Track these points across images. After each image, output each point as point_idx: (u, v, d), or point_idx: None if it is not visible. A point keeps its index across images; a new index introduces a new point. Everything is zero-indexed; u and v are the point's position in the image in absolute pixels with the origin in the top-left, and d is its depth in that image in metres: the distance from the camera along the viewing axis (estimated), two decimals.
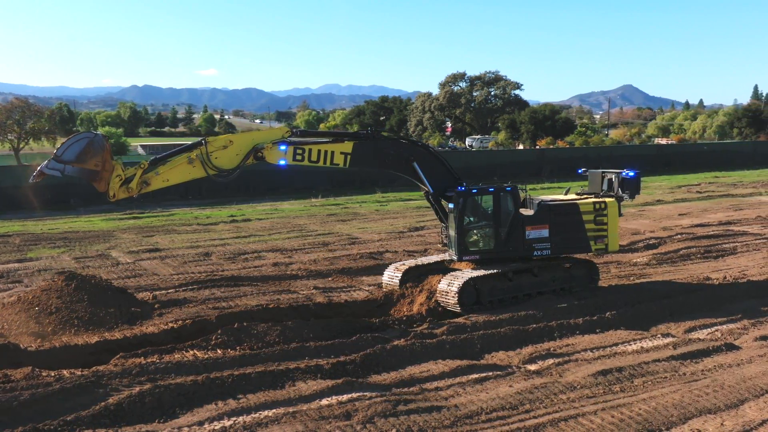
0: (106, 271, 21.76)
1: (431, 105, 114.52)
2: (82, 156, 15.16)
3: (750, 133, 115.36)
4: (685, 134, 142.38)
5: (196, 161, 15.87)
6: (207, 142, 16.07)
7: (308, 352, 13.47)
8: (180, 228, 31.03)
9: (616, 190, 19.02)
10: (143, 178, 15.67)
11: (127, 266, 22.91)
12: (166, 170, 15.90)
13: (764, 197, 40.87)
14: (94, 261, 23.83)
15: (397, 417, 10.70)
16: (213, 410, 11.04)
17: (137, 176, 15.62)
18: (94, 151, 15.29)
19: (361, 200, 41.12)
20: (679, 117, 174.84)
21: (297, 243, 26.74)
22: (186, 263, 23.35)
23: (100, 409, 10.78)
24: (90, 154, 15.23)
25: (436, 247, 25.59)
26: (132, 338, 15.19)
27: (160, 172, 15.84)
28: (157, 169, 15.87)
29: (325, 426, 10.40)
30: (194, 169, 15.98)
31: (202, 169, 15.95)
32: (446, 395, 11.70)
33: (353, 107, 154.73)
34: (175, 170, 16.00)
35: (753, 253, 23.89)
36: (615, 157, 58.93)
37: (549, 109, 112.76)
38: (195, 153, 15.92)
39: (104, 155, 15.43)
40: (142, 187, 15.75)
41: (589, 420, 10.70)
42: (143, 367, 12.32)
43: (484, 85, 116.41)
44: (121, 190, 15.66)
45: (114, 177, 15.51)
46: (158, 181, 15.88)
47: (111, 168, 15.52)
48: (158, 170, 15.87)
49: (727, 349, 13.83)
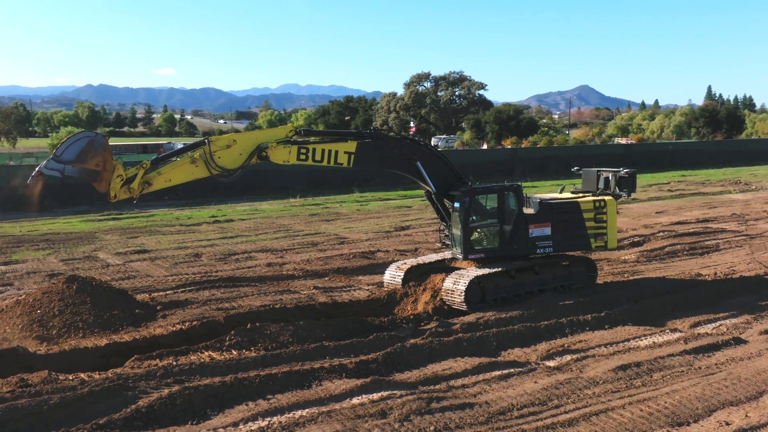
0: (98, 273, 21.39)
1: (396, 105, 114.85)
2: (83, 156, 14.78)
3: (707, 132, 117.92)
4: (643, 134, 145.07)
5: (199, 161, 15.62)
6: (210, 141, 15.83)
7: (328, 352, 13.47)
8: (163, 229, 30.68)
9: (613, 188, 19.40)
10: (145, 179, 15.36)
11: (117, 268, 22.59)
12: (168, 170, 15.64)
13: (734, 195, 41.85)
14: (83, 263, 23.44)
15: (432, 414, 10.77)
16: (245, 411, 10.99)
17: (139, 176, 15.30)
18: (95, 150, 14.91)
19: (340, 200, 41.07)
20: (638, 117, 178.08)
21: (286, 243, 26.64)
22: (177, 264, 23.12)
23: (132, 411, 10.66)
24: (91, 153, 14.86)
25: (427, 246, 25.78)
26: (141, 340, 15.01)
27: (162, 172, 15.55)
28: (159, 169, 15.60)
29: (363, 425, 10.43)
30: (197, 168, 15.73)
31: (206, 168, 15.70)
32: (474, 392, 11.81)
33: (318, 107, 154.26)
34: (178, 170, 15.74)
35: (736, 250, 24.48)
36: (585, 156, 59.75)
37: (513, 109, 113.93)
38: (198, 153, 15.67)
39: (105, 155, 15.06)
40: (143, 187, 15.44)
41: (619, 414, 10.90)
42: (167, 369, 12.20)
43: (448, 85, 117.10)
44: (122, 191, 15.30)
45: (115, 177, 15.14)
46: (160, 181, 15.58)
47: (112, 168, 15.14)
48: (160, 170, 15.59)
49: (735, 343, 14.19)
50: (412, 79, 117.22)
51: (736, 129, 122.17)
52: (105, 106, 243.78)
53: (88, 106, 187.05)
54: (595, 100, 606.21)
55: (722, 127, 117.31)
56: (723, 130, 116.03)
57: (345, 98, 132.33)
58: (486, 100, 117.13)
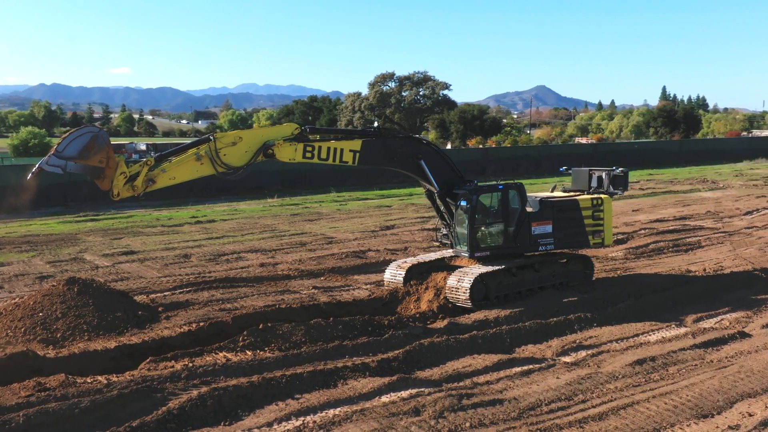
0: (88, 275, 21.00)
1: (362, 105, 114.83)
2: (86, 152, 14.23)
3: (665, 132, 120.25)
4: (603, 134, 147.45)
5: (204, 158, 15.31)
6: (215, 138, 15.52)
7: (347, 351, 13.48)
8: (145, 230, 30.28)
9: (606, 186, 19.79)
10: (149, 176, 14.94)
11: (107, 270, 22.25)
12: (172, 167, 15.26)
13: (704, 193, 42.78)
14: (70, 265, 23.04)
15: (465, 411, 10.87)
16: (276, 411, 10.96)
17: (143, 174, 14.87)
18: (99, 146, 14.38)
19: (318, 200, 40.97)
20: (597, 117, 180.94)
21: (274, 243, 26.51)
22: (168, 265, 22.87)
23: (163, 413, 10.56)
24: (94, 149, 14.32)
25: (415, 245, 25.90)
26: (151, 342, 14.84)
27: (166, 170, 15.17)
28: (163, 167, 15.22)
29: (399, 423, 10.48)
30: (202, 166, 15.41)
31: (211, 166, 15.40)
32: (499, 388, 11.94)
33: (282, 107, 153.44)
34: (182, 167, 15.36)
35: (718, 247, 25.05)
36: (554, 156, 60.59)
37: (477, 109, 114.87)
38: (203, 150, 15.37)
39: (108, 151, 14.60)
40: (147, 185, 14.99)
41: (645, 407, 11.13)
42: (191, 371, 12.09)
43: (413, 85, 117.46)
44: (125, 189, 14.84)
45: (118, 174, 14.67)
46: (164, 179, 15.18)
47: (115, 165, 14.64)
48: (164, 167, 15.22)
49: (741, 337, 14.56)
50: (377, 79, 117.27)
51: (693, 129, 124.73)
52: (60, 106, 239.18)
53: (45, 105, 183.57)
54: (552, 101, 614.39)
55: (680, 127, 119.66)
56: (680, 130, 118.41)
57: (309, 98, 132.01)
58: (450, 100, 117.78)
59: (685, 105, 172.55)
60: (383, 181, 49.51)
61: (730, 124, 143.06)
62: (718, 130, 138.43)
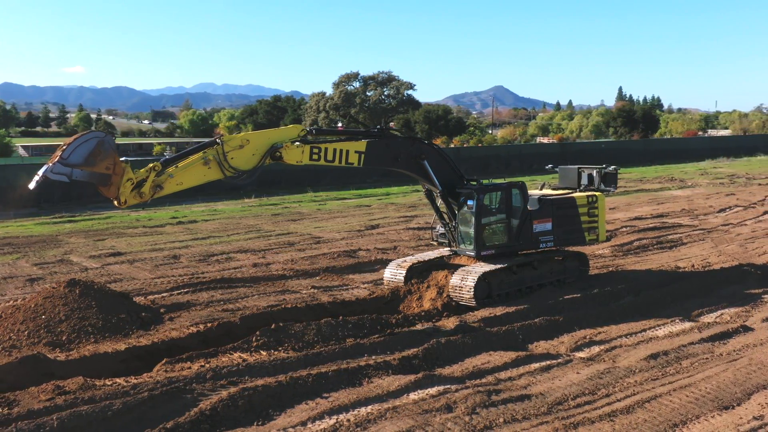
0: (79, 277, 20.70)
1: (326, 105, 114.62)
2: (92, 158, 13.47)
3: (624, 132, 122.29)
4: (563, 133, 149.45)
5: (212, 162, 14.84)
6: (223, 141, 15.09)
7: (365, 349, 13.51)
8: (127, 231, 29.88)
9: (597, 184, 20.17)
10: (156, 182, 14.34)
11: (97, 271, 21.92)
12: (179, 173, 14.68)
13: (675, 191, 43.67)
14: (58, 267, 22.65)
15: (496, 407, 10.99)
16: (308, 410, 10.96)
17: (150, 180, 14.24)
18: (105, 152, 13.65)
19: (296, 200, 40.85)
20: (557, 117, 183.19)
21: (262, 244, 26.38)
22: (158, 266, 22.62)
23: (196, 414, 10.50)
24: (100, 155, 13.57)
25: (404, 244, 25.99)
26: (160, 344, 14.70)
27: (173, 175, 14.60)
28: (169, 172, 14.61)
29: (433, 419, 10.56)
30: (210, 170, 14.92)
31: (219, 170, 14.93)
32: (523, 384, 12.09)
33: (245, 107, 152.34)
34: (190, 172, 14.81)
35: (701, 243, 25.62)
36: (524, 155, 61.37)
37: (441, 109, 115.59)
38: (210, 153, 14.88)
39: (115, 157, 13.93)
40: (155, 191, 14.40)
41: (668, 400, 11.37)
42: (216, 371, 12.01)
43: (377, 85, 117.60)
44: (132, 196, 14.15)
45: (125, 181, 13.96)
46: (172, 184, 14.61)
47: (121, 171, 13.94)
48: (171, 172, 14.62)
49: (744, 331, 14.94)
50: (341, 78, 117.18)
51: (652, 128, 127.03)
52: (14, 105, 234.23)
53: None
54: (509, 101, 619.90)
55: (639, 127, 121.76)
56: (639, 130, 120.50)
57: (273, 98, 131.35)
58: (415, 100, 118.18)
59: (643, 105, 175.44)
60: (358, 180, 49.56)
61: (687, 124, 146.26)
62: (675, 129, 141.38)
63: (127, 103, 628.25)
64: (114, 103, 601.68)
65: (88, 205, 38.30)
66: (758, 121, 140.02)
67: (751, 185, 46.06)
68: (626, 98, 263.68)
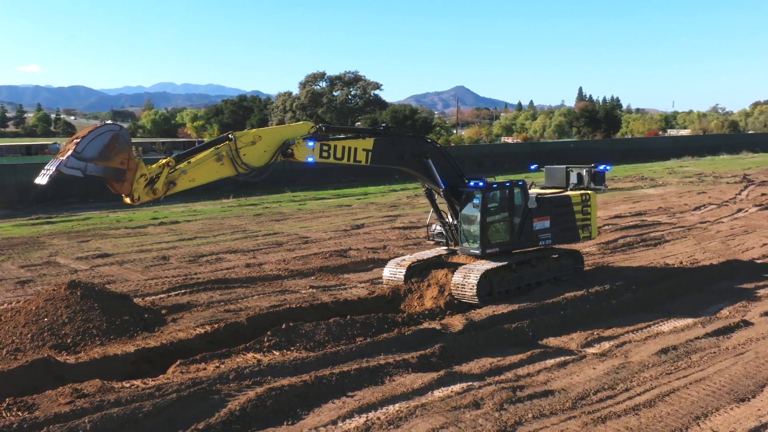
0: (70, 279, 20.38)
1: (293, 104, 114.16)
2: (106, 152, 13.14)
3: (587, 131, 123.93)
4: (527, 133, 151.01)
5: (225, 158, 14.71)
6: (235, 137, 14.91)
7: (380, 348, 13.55)
8: (110, 232, 29.46)
9: (587, 183, 20.52)
10: (169, 178, 14.09)
11: (87, 273, 21.59)
12: (192, 169, 14.47)
13: (647, 190, 44.46)
14: (46, 269, 22.28)
15: (523, 403, 11.13)
16: (336, 409, 10.98)
17: (163, 176, 13.99)
18: (120, 146, 13.33)
19: (275, 200, 40.67)
20: (521, 117, 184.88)
21: (250, 244, 26.24)
22: (149, 268, 22.38)
23: (226, 415, 10.45)
24: (115, 150, 13.26)
25: (392, 243, 26.06)
26: (169, 345, 14.54)
27: (186, 171, 14.39)
28: (182, 168, 14.37)
29: (464, 416, 10.65)
30: (222, 166, 14.78)
31: (232, 166, 14.81)
32: (542, 380, 12.25)
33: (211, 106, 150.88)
34: (203, 168, 14.63)
35: (683, 240, 26.16)
36: (495, 155, 61.90)
37: (408, 108, 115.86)
38: (224, 149, 14.75)
39: (129, 152, 13.61)
40: (168, 188, 14.17)
41: (687, 394, 11.62)
42: (238, 372, 11.95)
43: (344, 85, 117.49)
44: (145, 192, 13.90)
45: (138, 177, 13.69)
46: (185, 181, 14.38)
47: (135, 166, 13.67)
48: (184, 168, 14.38)
49: (744, 325, 15.32)
50: (308, 78, 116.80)
51: (614, 128, 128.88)
52: None
53: None
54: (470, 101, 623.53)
55: (601, 127, 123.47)
56: (602, 129, 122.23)
57: (238, 97, 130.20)
58: (381, 100, 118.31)
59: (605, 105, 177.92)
60: (335, 180, 49.52)
61: (648, 124, 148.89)
62: (637, 129, 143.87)
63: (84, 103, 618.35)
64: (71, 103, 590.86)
65: (63, 206, 37.73)
66: (717, 121, 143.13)
67: (720, 184, 47.09)
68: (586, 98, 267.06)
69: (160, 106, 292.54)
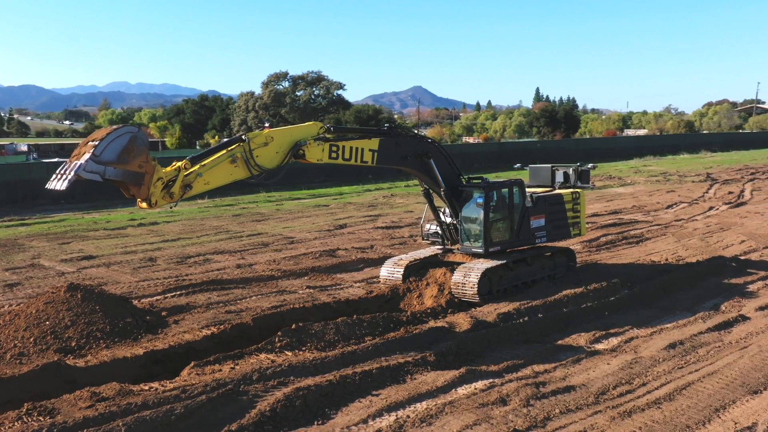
0: (60, 281, 20.07)
1: (255, 104, 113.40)
2: (125, 155, 12.69)
3: (547, 131, 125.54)
4: (488, 133, 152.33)
5: (239, 160, 14.40)
6: (249, 138, 14.61)
7: (395, 347, 13.57)
8: (89, 234, 28.95)
9: (574, 181, 20.90)
10: (185, 181, 13.70)
11: (75, 275, 21.20)
12: (207, 171, 14.07)
13: (617, 189, 45.26)
14: (32, 271, 21.82)
15: (548, 398, 11.30)
16: (363, 408, 11.01)
17: (180, 179, 13.59)
18: (138, 149, 12.89)
19: (250, 200, 40.40)
20: (481, 117, 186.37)
21: (236, 244, 26.05)
22: (138, 269, 22.08)
23: (257, 415, 10.42)
24: (134, 152, 12.81)
25: (380, 243, 26.11)
26: (177, 347, 14.43)
27: (202, 174, 14.00)
28: (196, 171, 13.95)
29: (493, 412, 10.76)
30: (236, 168, 14.47)
31: (246, 168, 14.52)
32: (560, 376, 12.43)
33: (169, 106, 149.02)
34: (217, 171, 14.26)
35: (663, 238, 26.68)
36: (465, 154, 62.31)
37: (372, 109, 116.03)
38: (238, 151, 14.44)
39: (147, 154, 13.21)
40: (184, 191, 13.78)
41: (702, 387, 11.91)
42: (261, 373, 11.89)
43: (307, 84, 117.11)
44: (161, 196, 13.47)
45: (155, 180, 13.26)
46: (200, 184, 14.01)
47: (152, 169, 13.12)
48: (199, 171, 13.97)
49: (742, 320, 15.73)
50: (270, 78, 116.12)
51: (573, 128, 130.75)
52: None
53: None
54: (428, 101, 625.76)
55: (561, 127, 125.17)
56: (562, 129, 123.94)
57: (199, 97, 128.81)
58: (344, 99, 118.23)
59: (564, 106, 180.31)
60: (307, 180, 49.35)
61: (606, 124, 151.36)
62: (595, 129, 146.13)
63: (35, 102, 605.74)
64: (22, 102, 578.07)
65: (33, 207, 37.01)
66: (672, 121, 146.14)
67: (686, 182, 48.12)
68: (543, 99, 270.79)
69: (115, 106, 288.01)
